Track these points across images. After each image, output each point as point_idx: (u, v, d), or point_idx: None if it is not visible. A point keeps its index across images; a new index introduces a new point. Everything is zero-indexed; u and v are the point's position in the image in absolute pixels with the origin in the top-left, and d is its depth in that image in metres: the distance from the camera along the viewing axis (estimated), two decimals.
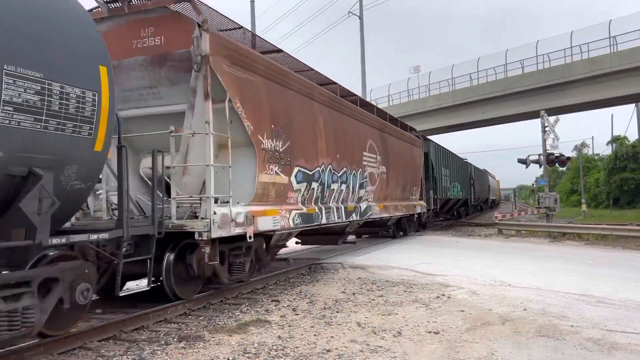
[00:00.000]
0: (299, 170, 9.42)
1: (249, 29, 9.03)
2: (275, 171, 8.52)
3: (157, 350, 5.33)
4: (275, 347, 5.37)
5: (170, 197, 7.05)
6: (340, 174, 11.36)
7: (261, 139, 8.11)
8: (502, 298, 7.88)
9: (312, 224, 10.04)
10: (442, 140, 29.14)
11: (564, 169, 52.59)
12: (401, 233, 19.30)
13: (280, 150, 8.68)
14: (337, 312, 7.08)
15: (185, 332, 6.06)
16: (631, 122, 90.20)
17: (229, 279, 7.84)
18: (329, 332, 5.99)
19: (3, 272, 4.58)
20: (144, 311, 6.53)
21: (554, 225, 21.46)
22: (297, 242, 13.42)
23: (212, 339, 5.70)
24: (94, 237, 5.29)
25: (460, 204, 31.93)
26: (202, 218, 6.91)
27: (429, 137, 28.92)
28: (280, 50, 9.88)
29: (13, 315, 4.41)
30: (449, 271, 10.53)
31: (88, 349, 5.33)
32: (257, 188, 8.01)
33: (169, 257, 7.05)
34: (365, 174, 13.19)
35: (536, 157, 25.34)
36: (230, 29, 8.54)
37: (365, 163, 13.27)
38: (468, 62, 39.13)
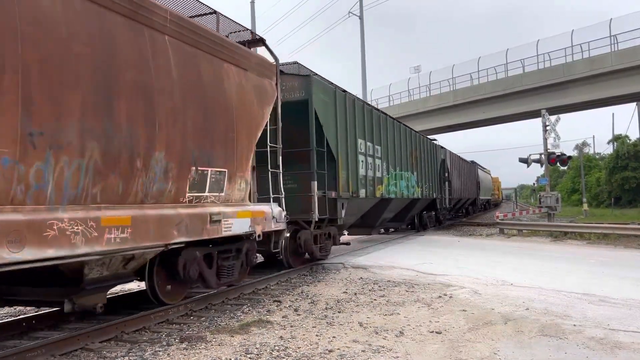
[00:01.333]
0: None
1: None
2: None
3: (159, 351, 5.32)
4: (277, 348, 5.35)
5: None
6: None
7: None
8: (504, 297, 7.86)
9: None
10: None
11: (565, 168, 52.60)
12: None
13: None
14: (339, 312, 7.07)
15: (186, 332, 6.05)
16: (632, 121, 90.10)
17: None
18: (330, 333, 5.98)
19: None
20: (146, 312, 6.53)
21: (556, 225, 21.43)
22: None
23: (214, 340, 5.69)
24: None
25: (422, 208, 21.89)
26: None
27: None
28: None
29: None
30: (450, 271, 10.52)
31: (90, 350, 5.32)
32: None
33: None
34: None
35: (537, 157, 25.30)
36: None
37: None
38: (468, 62, 39.19)
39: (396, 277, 9.92)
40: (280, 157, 8.98)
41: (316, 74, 11.43)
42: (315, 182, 10.57)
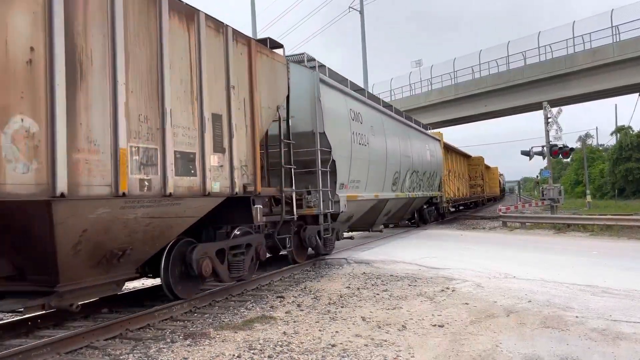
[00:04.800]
0: None
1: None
2: None
3: (163, 348, 5.36)
4: (280, 343, 5.39)
5: None
6: None
7: None
8: (506, 290, 7.88)
9: None
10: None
11: (568, 160, 52.50)
12: None
13: None
14: (342, 307, 7.10)
15: (190, 329, 6.09)
16: (635, 112, 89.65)
17: None
18: (333, 327, 6.01)
19: None
20: (150, 310, 6.57)
21: (559, 217, 21.41)
22: None
23: (218, 336, 5.73)
24: None
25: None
26: None
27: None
28: None
29: None
30: (453, 264, 10.53)
31: (95, 348, 5.37)
32: None
33: None
34: None
35: (539, 149, 25.23)
36: None
37: None
38: (470, 55, 39.10)
39: (399, 272, 9.94)
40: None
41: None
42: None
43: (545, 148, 24.61)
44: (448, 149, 27.71)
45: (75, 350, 5.29)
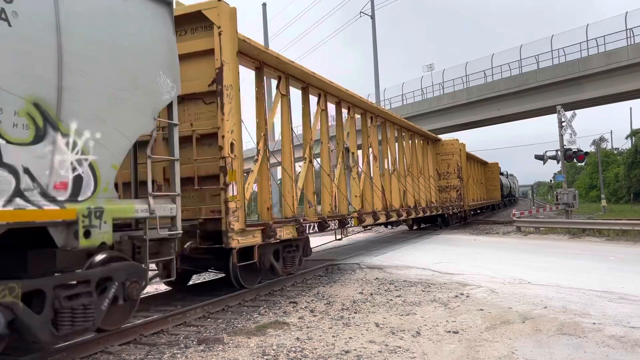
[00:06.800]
0: None
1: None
2: None
3: (177, 353, 5.37)
4: (293, 349, 5.37)
5: None
6: None
7: None
8: (521, 296, 7.79)
9: None
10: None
11: (583, 164, 51.90)
12: None
13: None
14: (355, 313, 7.07)
15: (204, 335, 6.09)
16: None
17: None
18: (347, 333, 5.98)
19: None
20: (164, 315, 6.59)
21: (573, 222, 21.14)
22: None
23: (231, 342, 5.73)
24: None
25: None
26: None
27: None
28: None
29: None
30: (467, 270, 10.45)
31: (109, 353, 5.39)
32: None
33: None
34: None
35: (553, 153, 24.97)
36: None
37: None
38: (482, 59, 38.90)
39: (412, 277, 9.88)
40: None
41: None
42: None
43: (559, 152, 24.36)
44: (338, 99, 12.38)
45: (90, 355, 5.32)
